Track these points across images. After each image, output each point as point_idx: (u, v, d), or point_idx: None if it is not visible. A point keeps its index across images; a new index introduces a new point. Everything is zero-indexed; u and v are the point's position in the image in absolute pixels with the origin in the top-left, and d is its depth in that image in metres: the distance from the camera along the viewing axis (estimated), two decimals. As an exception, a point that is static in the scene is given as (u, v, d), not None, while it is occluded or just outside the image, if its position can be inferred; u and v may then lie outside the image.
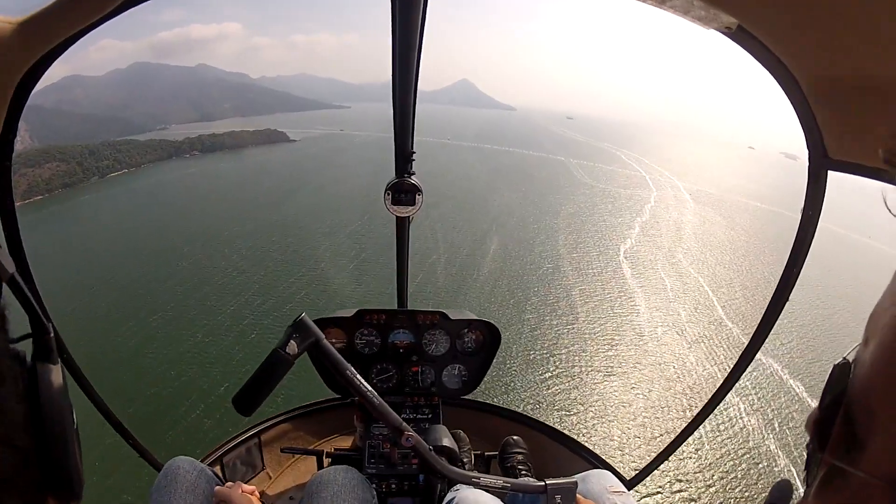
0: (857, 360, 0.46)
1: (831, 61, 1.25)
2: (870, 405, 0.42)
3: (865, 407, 0.43)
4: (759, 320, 2.27)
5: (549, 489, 1.75)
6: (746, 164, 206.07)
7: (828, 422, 0.47)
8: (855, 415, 0.44)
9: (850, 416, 0.44)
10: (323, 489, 1.84)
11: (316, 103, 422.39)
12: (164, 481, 1.78)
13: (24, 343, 0.62)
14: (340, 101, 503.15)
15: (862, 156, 1.48)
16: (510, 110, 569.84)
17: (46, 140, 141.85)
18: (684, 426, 2.81)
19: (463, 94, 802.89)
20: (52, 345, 0.65)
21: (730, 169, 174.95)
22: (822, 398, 0.49)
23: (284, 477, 3.15)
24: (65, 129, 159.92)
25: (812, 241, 1.96)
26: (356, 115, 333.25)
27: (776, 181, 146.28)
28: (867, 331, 0.46)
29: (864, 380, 0.44)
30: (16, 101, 1.59)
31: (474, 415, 3.37)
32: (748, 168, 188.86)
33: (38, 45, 1.44)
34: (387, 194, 2.52)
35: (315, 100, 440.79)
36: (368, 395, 1.75)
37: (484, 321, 2.96)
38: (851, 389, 0.45)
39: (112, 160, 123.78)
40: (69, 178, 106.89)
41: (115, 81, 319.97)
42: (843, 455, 0.44)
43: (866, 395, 0.43)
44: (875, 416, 0.41)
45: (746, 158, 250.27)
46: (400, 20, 1.60)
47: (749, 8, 1.24)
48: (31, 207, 78.58)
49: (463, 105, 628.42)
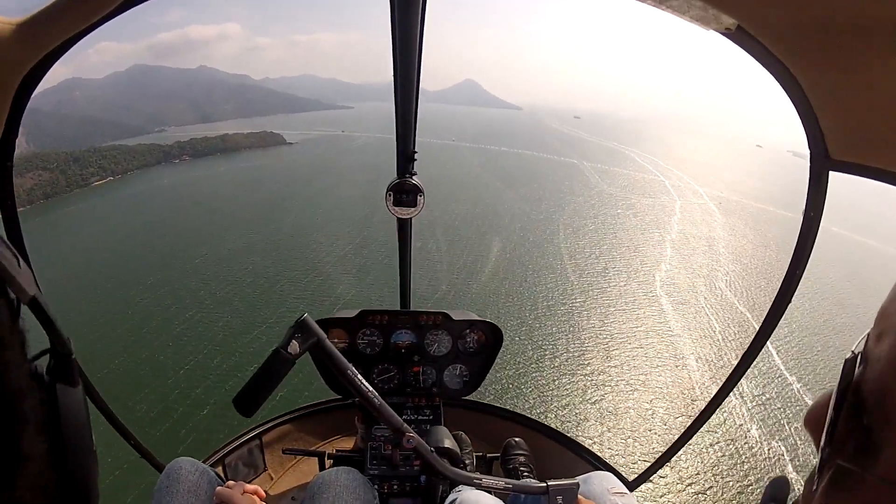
0: (869, 357, 0.43)
1: (832, 61, 1.24)
2: (886, 407, 0.39)
3: (881, 408, 0.40)
4: (762, 321, 2.26)
5: (550, 490, 1.75)
6: (760, 163, 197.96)
7: (843, 422, 0.44)
8: (870, 415, 0.41)
9: (863, 415, 0.41)
10: (325, 490, 1.84)
11: (318, 104, 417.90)
12: (165, 482, 1.77)
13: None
14: (343, 101, 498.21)
15: (864, 156, 1.46)
16: (516, 109, 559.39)
17: (42, 144, 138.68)
18: (686, 428, 2.77)
19: (468, 93, 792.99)
20: (74, 367, 0.62)
21: (744, 170, 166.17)
22: (836, 397, 0.45)
23: (286, 478, 3.15)
24: (61, 133, 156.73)
25: (814, 241, 1.95)
26: (359, 115, 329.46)
27: (796, 185, 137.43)
28: (879, 325, 0.43)
29: (879, 379, 0.40)
30: (17, 101, 1.58)
31: (476, 416, 3.38)
32: (762, 168, 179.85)
33: (38, 45, 1.44)
34: (388, 195, 2.47)
35: (317, 100, 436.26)
36: (370, 395, 1.73)
37: (486, 321, 2.94)
38: (864, 387, 0.42)
39: (97, 167, 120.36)
40: (51, 187, 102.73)
41: (114, 84, 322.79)
42: (853, 456, 0.42)
43: (882, 396, 0.40)
44: (892, 418, 0.39)
45: (757, 157, 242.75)
46: (399, 19, 1.58)
47: (749, 9, 1.24)
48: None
49: (468, 105, 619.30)
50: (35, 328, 0.54)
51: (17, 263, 0.53)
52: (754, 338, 2.31)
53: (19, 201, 1.88)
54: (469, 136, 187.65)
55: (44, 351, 0.60)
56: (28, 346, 0.55)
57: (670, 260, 59.21)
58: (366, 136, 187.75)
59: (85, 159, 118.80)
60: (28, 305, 0.55)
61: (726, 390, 2.56)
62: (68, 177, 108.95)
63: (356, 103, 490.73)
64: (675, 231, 72.46)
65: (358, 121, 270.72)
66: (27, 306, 0.55)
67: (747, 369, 2.42)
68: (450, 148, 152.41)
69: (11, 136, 1.67)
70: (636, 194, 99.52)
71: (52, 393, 0.59)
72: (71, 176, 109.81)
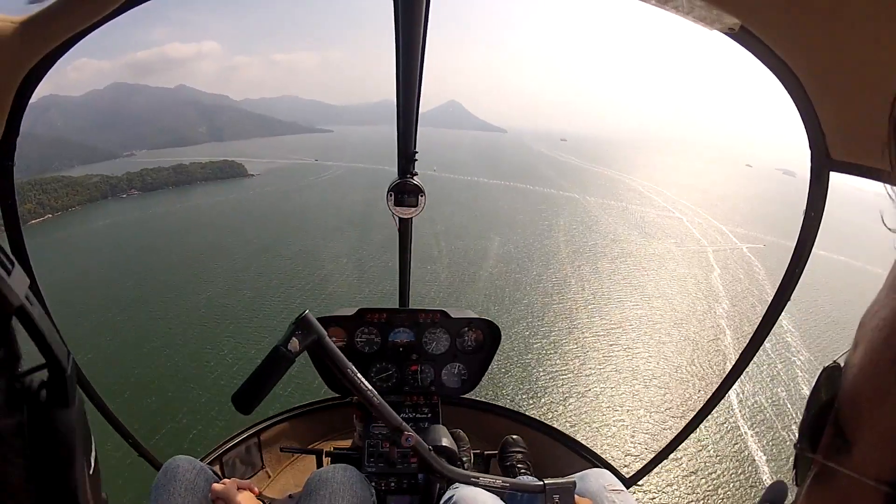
0: (847, 364, 0.47)
1: (834, 61, 1.25)
2: (857, 407, 0.43)
3: (853, 408, 0.43)
4: (760, 320, 2.27)
5: (547, 489, 1.76)
6: (759, 185, 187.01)
7: (817, 424, 0.47)
8: (844, 416, 0.44)
9: (840, 417, 0.45)
10: (322, 487, 1.84)
11: (297, 127, 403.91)
12: (163, 480, 1.77)
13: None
14: (323, 123, 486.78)
15: (864, 157, 1.47)
16: (501, 132, 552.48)
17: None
18: (684, 426, 2.78)
19: (452, 115, 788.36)
20: (68, 385, 0.53)
21: (756, 196, 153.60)
22: (809, 401, 0.50)
23: (284, 476, 3.15)
24: (25, 155, 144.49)
25: (814, 242, 1.96)
26: (337, 139, 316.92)
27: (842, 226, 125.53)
28: (857, 336, 0.46)
29: (852, 382, 0.44)
30: (18, 101, 1.59)
31: (474, 414, 3.38)
32: (766, 191, 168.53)
33: (39, 45, 1.45)
34: (389, 195, 2.48)
35: (295, 122, 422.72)
36: (368, 394, 1.73)
37: (484, 319, 2.93)
38: (841, 392, 0.46)
39: (35, 203, 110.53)
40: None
41: (92, 102, 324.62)
42: (833, 456, 0.45)
43: (854, 397, 0.43)
44: (862, 416, 0.42)
45: (761, 178, 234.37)
46: (403, 16, 1.58)
47: (751, 8, 1.24)
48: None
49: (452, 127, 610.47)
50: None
51: (5, 270, 0.47)
52: (752, 337, 2.32)
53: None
54: (454, 164, 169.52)
55: (35, 367, 0.52)
56: (20, 360, 0.49)
57: (731, 342, 43.74)
58: (337, 166, 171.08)
59: (24, 193, 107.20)
60: (15, 315, 0.48)
61: (725, 388, 2.56)
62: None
63: (337, 126, 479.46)
64: (723, 299, 55.04)
65: (335, 146, 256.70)
66: (15, 316, 0.49)
67: (746, 367, 2.43)
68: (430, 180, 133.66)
69: (12, 136, 1.67)
70: (658, 239, 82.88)
71: (39, 414, 0.51)
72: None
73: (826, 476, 0.46)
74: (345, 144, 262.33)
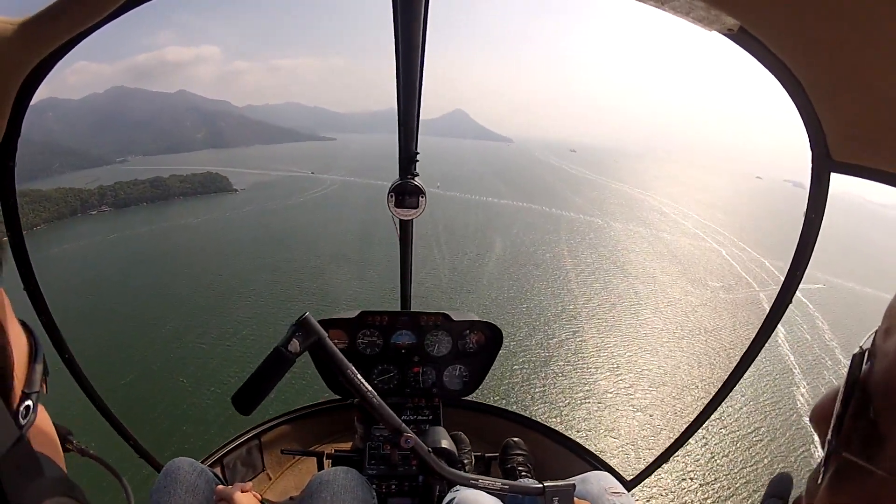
0: (877, 352, 0.43)
1: (835, 62, 1.23)
2: (892, 400, 0.39)
3: (888, 402, 0.40)
4: (761, 323, 2.27)
5: (547, 491, 1.75)
6: (773, 200, 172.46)
7: (852, 416, 0.44)
8: (876, 409, 0.41)
9: (869, 410, 0.41)
10: (323, 489, 1.85)
11: (297, 134, 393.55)
12: (164, 482, 1.77)
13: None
14: (325, 131, 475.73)
15: (865, 158, 1.46)
16: (507, 142, 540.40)
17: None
18: (684, 429, 2.77)
19: (457, 124, 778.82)
20: (32, 410, 0.45)
21: (776, 213, 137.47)
22: (846, 389, 0.45)
23: (284, 478, 3.15)
24: (18, 163, 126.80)
25: (815, 243, 1.96)
26: (338, 148, 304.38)
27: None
28: (886, 321, 0.43)
29: (886, 373, 0.41)
30: (19, 101, 1.60)
31: (475, 416, 3.37)
32: (785, 208, 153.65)
33: (40, 45, 1.45)
34: (390, 196, 2.47)
35: (295, 130, 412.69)
36: (369, 395, 1.72)
37: (486, 322, 2.94)
38: (872, 382, 0.42)
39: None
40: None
41: (90, 106, 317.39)
42: (860, 449, 0.41)
43: (889, 390, 0.40)
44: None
45: (773, 192, 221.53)
46: (402, 16, 1.59)
47: (751, 9, 1.23)
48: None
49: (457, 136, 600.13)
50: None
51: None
52: (754, 337, 2.32)
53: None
54: (460, 181, 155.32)
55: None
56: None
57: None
58: (331, 181, 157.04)
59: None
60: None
61: (726, 391, 2.56)
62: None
63: (340, 134, 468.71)
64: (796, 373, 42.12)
65: (335, 156, 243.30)
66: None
67: (747, 369, 2.43)
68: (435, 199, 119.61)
69: (14, 136, 1.70)
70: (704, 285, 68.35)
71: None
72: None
73: (853, 472, 0.42)
74: (344, 154, 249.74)
